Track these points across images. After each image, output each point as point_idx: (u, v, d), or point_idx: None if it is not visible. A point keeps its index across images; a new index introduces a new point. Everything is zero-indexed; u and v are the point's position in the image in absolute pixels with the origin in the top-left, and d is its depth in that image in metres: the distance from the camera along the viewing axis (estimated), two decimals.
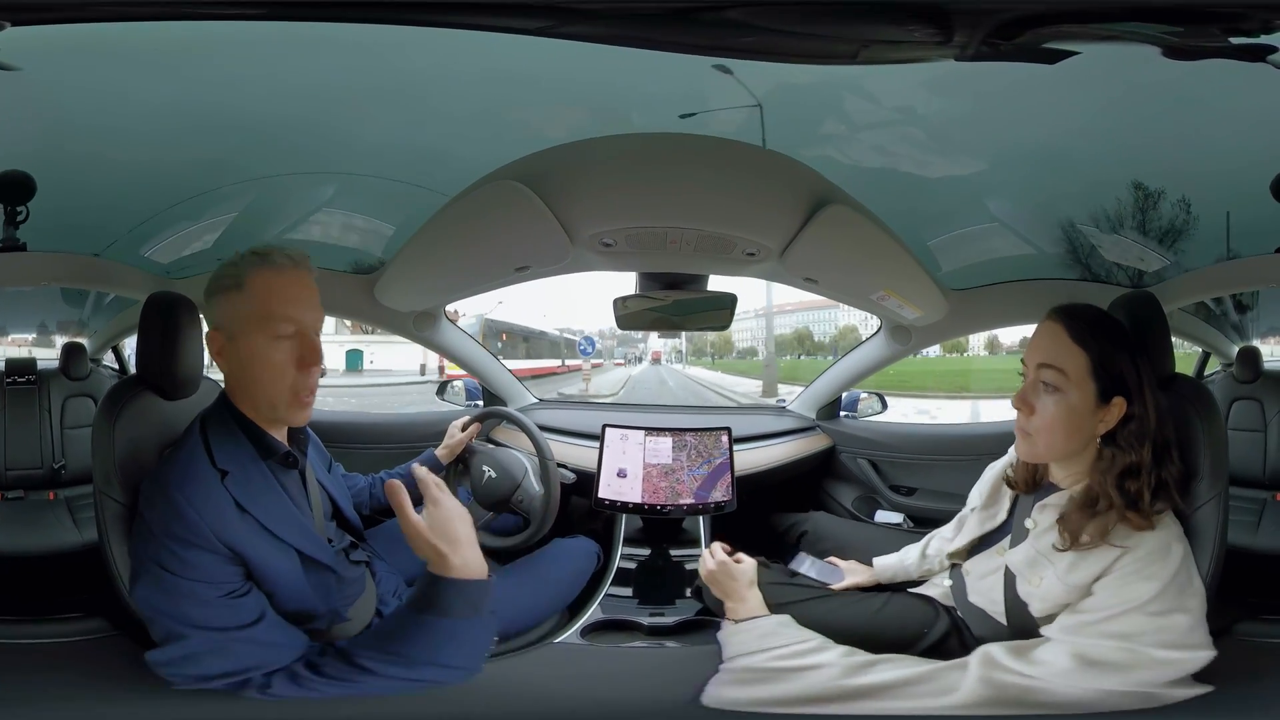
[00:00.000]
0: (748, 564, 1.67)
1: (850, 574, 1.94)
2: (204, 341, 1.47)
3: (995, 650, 1.39)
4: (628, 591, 2.13)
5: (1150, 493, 1.37)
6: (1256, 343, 2.86)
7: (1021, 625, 1.49)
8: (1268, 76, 1.52)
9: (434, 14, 1.38)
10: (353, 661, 1.32)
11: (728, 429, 2.43)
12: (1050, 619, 1.43)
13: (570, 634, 1.92)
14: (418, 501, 2.10)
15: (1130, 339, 1.46)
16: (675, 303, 2.19)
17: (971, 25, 1.36)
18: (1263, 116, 1.79)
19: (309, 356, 1.42)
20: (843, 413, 3.11)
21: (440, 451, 2.13)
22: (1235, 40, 1.42)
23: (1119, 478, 1.38)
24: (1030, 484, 1.59)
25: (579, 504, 2.50)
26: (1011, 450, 1.65)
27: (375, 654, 1.33)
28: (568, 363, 19.17)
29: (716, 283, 2.21)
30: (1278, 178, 1.99)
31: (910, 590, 1.80)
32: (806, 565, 1.96)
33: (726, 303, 2.21)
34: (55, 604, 1.75)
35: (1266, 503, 2.63)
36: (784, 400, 3.34)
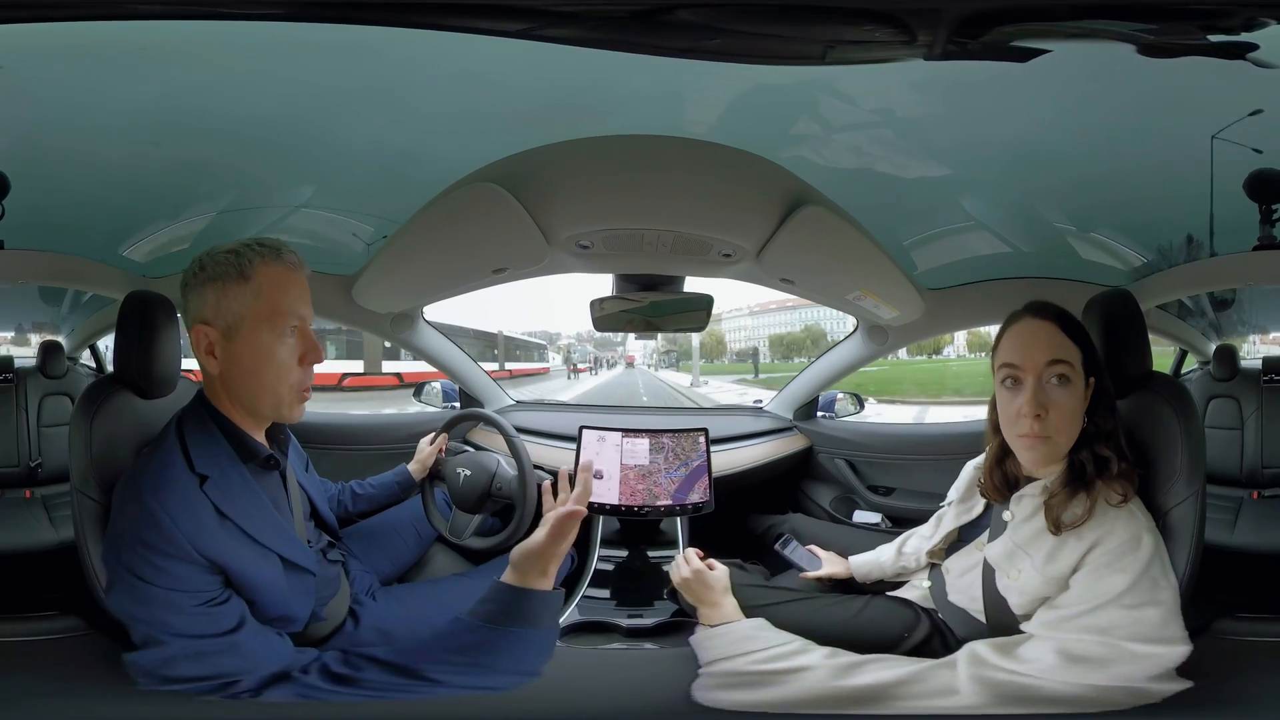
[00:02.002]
0: (721, 570, 1.67)
1: (829, 564, 1.96)
2: (188, 338, 1.41)
3: (981, 648, 1.39)
4: (605, 593, 2.14)
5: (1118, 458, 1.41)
6: (1233, 341, 2.89)
7: (1000, 622, 1.50)
8: (1246, 74, 1.52)
9: (406, 15, 1.38)
10: (415, 673, 1.29)
11: (705, 430, 2.43)
12: (1029, 617, 1.44)
13: None
14: (393, 504, 2.12)
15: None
16: (652, 304, 2.19)
17: (933, 25, 1.35)
18: (1240, 114, 1.79)
19: (312, 353, 1.40)
20: (820, 413, 3.12)
21: (413, 467, 2.11)
22: (1214, 38, 1.41)
23: (1105, 440, 1.42)
24: (1003, 491, 1.58)
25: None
26: (983, 456, 1.66)
27: (448, 666, 1.30)
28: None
29: (693, 284, 2.22)
30: (1251, 175, 2.00)
31: (889, 594, 1.81)
32: (790, 548, 1.98)
33: (703, 304, 2.22)
34: (30, 602, 1.74)
35: (1243, 501, 2.66)
36: (760, 401, 3.35)
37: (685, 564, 1.67)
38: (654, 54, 1.45)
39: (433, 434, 2.17)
